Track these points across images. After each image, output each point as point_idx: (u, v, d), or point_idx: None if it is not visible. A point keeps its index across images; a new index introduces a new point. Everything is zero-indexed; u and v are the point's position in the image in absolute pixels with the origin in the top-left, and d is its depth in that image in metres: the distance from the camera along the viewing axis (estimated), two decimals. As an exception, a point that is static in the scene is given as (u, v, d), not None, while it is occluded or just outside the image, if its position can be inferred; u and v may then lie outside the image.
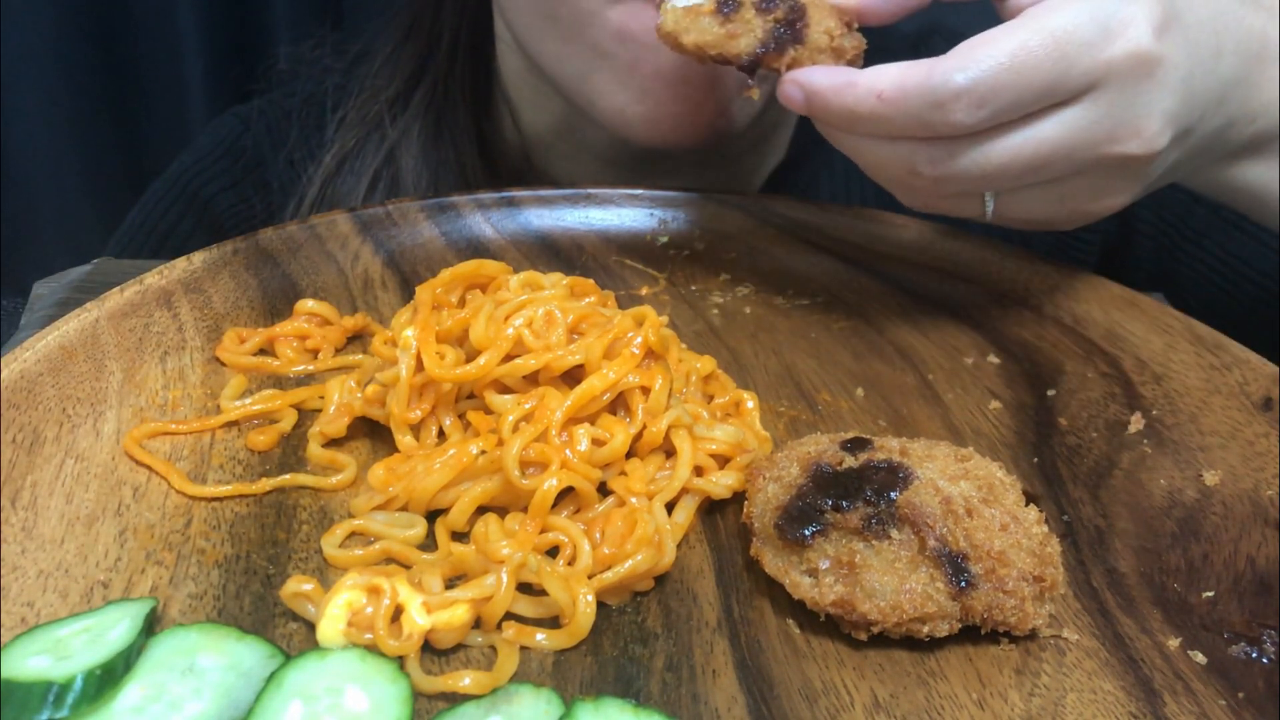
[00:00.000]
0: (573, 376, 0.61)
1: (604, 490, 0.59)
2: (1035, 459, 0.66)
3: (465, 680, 0.49)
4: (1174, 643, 0.53)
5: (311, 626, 0.51)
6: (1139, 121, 0.61)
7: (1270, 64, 0.68)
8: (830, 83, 0.62)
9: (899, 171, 0.65)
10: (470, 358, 0.62)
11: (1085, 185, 0.65)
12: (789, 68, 0.66)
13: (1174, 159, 0.66)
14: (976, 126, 0.59)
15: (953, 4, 0.72)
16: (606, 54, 0.82)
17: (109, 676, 0.46)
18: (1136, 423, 0.67)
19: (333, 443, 0.64)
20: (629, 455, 0.60)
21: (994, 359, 0.74)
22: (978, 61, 0.58)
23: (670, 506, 0.59)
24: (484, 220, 0.85)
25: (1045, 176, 0.63)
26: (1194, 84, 0.62)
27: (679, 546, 0.57)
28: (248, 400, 0.66)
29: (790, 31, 0.65)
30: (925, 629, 0.51)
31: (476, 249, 0.83)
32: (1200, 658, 0.52)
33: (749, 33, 0.66)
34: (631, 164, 0.99)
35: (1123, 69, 0.59)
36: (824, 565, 0.52)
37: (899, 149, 0.63)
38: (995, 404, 0.70)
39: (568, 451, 0.58)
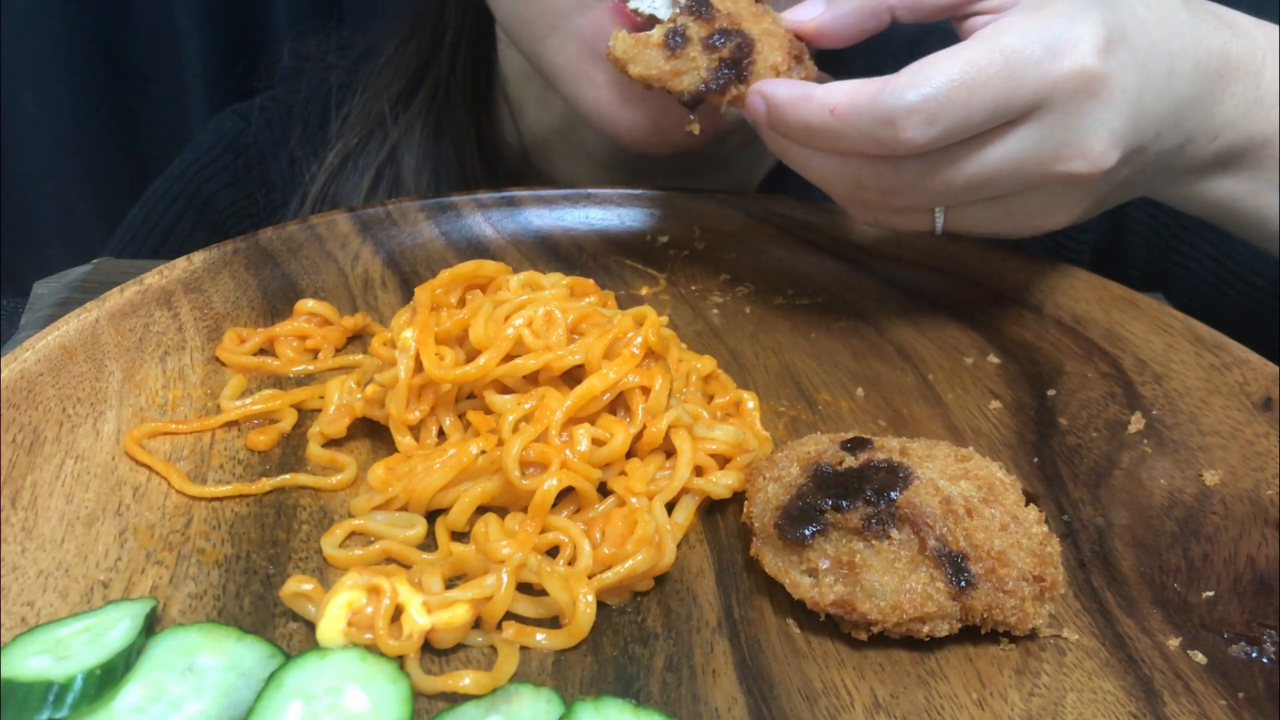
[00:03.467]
0: (573, 376, 0.61)
1: (604, 490, 0.59)
2: (1035, 459, 0.66)
3: (465, 680, 0.49)
4: (1174, 643, 0.53)
5: (311, 626, 0.51)
6: (1085, 141, 0.61)
7: (1231, 81, 0.68)
8: (788, 96, 0.63)
9: (847, 187, 0.66)
10: (470, 358, 0.62)
11: (1033, 202, 0.66)
12: (732, 104, 0.68)
13: (1125, 176, 0.67)
14: (927, 145, 0.60)
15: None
16: (572, 59, 0.82)
17: (109, 676, 0.46)
18: (1136, 423, 0.67)
19: (333, 443, 0.64)
20: (629, 455, 0.60)
21: (994, 359, 0.74)
22: (929, 79, 0.59)
23: (670, 506, 0.59)
24: (484, 220, 0.85)
25: (992, 193, 0.64)
26: (1144, 104, 0.63)
27: (679, 546, 0.57)
28: (248, 400, 0.66)
29: (734, 70, 0.67)
30: (925, 629, 0.51)
31: (476, 249, 0.83)
32: (1200, 658, 0.52)
33: (693, 70, 0.68)
34: (628, 166, 0.99)
35: (1067, 88, 0.60)
36: (824, 565, 0.52)
37: (848, 165, 0.64)
38: (995, 404, 0.70)
39: (568, 451, 0.58)
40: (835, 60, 0.73)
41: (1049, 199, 0.66)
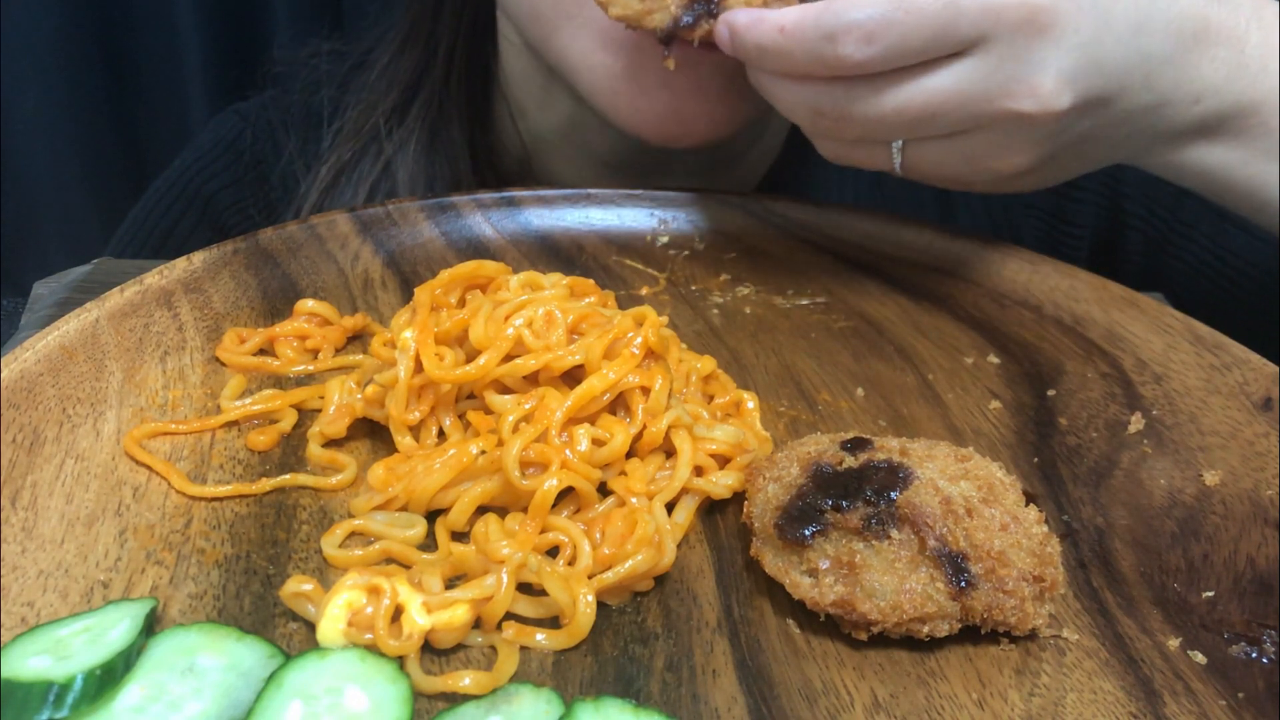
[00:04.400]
0: (573, 376, 0.61)
1: (604, 490, 0.59)
2: (1035, 459, 0.66)
3: (465, 680, 0.49)
4: (1174, 643, 0.53)
5: (311, 626, 0.51)
6: (1032, 77, 0.63)
7: (1211, 46, 0.68)
8: (745, 20, 0.66)
9: (808, 114, 0.68)
10: (470, 358, 0.62)
11: (986, 142, 0.67)
12: (704, 40, 0.70)
13: (1089, 129, 0.68)
14: (867, 64, 0.62)
15: None
16: (594, 49, 0.82)
17: (109, 676, 0.46)
18: (1136, 423, 0.67)
19: (333, 443, 0.64)
20: (629, 455, 0.60)
21: (994, 359, 0.74)
22: (867, 2, 0.61)
23: (670, 506, 0.59)
24: (484, 220, 0.85)
25: (943, 128, 0.66)
26: (1104, 50, 0.64)
27: (679, 546, 0.57)
28: (248, 400, 0.66)
29: (705, 6, 0.69)
30: (925, 629, 0.51)
31: (476, 249, 0.83)
32: (1200, 658, 0.52)
33: (663, 8, 0.70)
34: (632, 168, 0.99)
35: (1012, 20, 0.61)
36: (824, 565, 0.52)
37: (804, 91, 0.67)
38: (995, 404, 0.70)
39: (568, 452, 0.58)
40: None
41: (1001, 139, 0.66)
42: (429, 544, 0.58)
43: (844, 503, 0.53)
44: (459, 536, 0.58)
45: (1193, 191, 0.77)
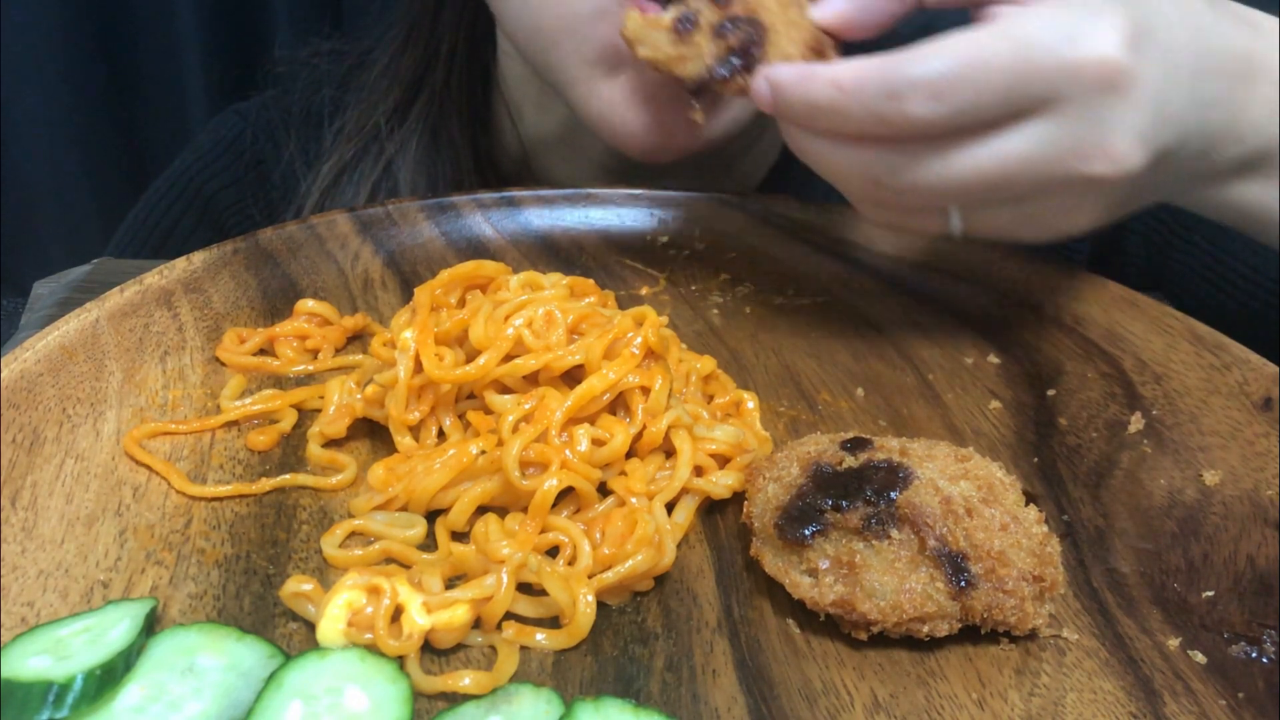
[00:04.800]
0: (573, 376, 0.61)
1: (604, 490, 0.59)
2: (1035, 459, 0.66)
3: (465, 680, 0.49)
4: (1174, 643, 0.53)
5: (311, 626, 0.51)
6: (1107, 140, 0.59)
7: (1256, 83, 0.66)
8: (792, 75, 0.61)
9: (861, 181, 0.63)
10: (470, 358, 0.62)
11: (1053, 205, 0.63)
12: (738, 94, 0.65)
13: (1152, 182, 0.65)
14: (934, 123, 0.58)
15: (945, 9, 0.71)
16: (587, 61, 0.82)
17: (109, 676, 0.46)
18: (1136, 423, 0.67)
19: (333, 443, 0.64)
20: (629, 455, 0.60)
21: (994, 359, 0.74)
22: (937, 55, 0.57)
23: (670, 506, 0.59)
24: (484, 220, 0.85)
25: (1011, 194, 0.62)
26: (1170, 105, 0.61)
27: (679, 546, 0.57)
28: (248, 400, 0.66)
29: (742, 59, 0.64)
30: (925, 629, 0.51)
31: (476, 249, 0.83)
32: (1200, 658, 0.52)
33: (697, 58, 0.65)
34: (629, 171, 0.99)
35: (1088, 80, 0.57)
36: (824, 565, 0.52)
37: (862, 155, 0.62)
38: (995, 404, 0.70)
39: (568, 452, 0.58)
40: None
41: (1069, 201, 0.63)
42: (429, 544, 0.58)
43: (844, 503, 0.53)
44: (459, 536, 0.58)
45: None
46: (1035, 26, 0.57)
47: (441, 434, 0.62)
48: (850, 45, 0.67)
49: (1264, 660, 0.52)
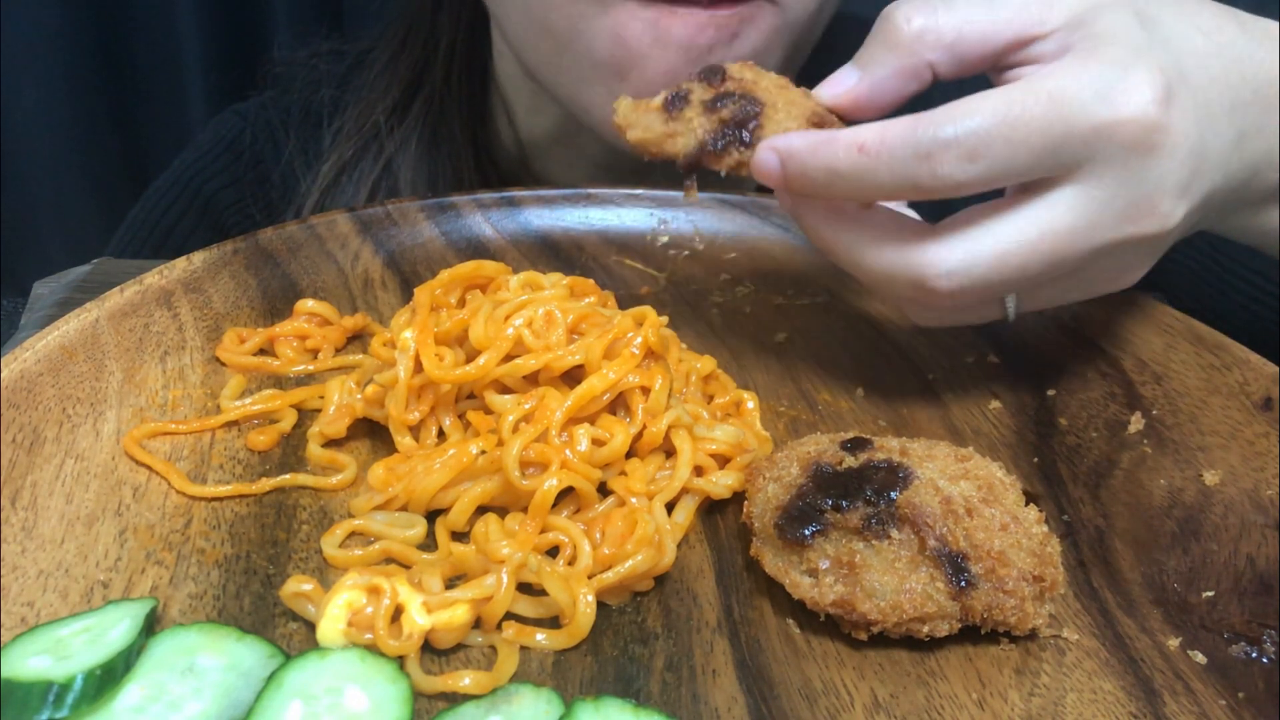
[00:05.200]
0: (573, 376, 0.61)
1: (604, 490, 0.59)
2: (1035, 459, 0.66)
3: (465, 680, 0.49)
4: (1174, 643, 0.53)
5: (311, 626, 0.51)
6: (1152, 198, 0.57)
7: None
8: (805, 142, 0.58)
9: (903, 283, 0.60)
10: (470, 358, 0.62)
11: (1103, 269, 0.62)
12: (734, 171, 0.62)
13: (1194, 222, 0.63)
14: (967, 185, 0.55)
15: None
16: (598, 63, 0.82)
17: (109, 676, 0.46)
18: (1136, 423, 0.67)
19: (333, 443, 0.64)
20: (629, 455, 0.60)
21: (994, 359, 0.74)
22: (967, 114, 0.55)
23: (670, 506, 0.59)
24: (484, 220, 0.85)
25: (1065, 268, 0.59)
26: (1207, 149, 0.59)
27: (679, 546, 0.57)
28: (248, 400, 0.66)
29: (735, 133, 0.61)
30: (925, 629, 0.51)
31: (476, 249, 0.83)
32: (1200, 658, 0.52)
33: (688, 133, 0.62)
34: (627, 169, 0.99)
35: (1125, 140, 0.55)
36: (824, 565, 0.52)
37: (901, 251, 0.59)
38: (995, 404, 0.70)
39: (568, 451, 0.58)
40: None
41: (1120, 261, 0.61)
42: (429, 544, 0.58)
43: (844, 503, 0.53)
44: (459, 536, 0.58)
45: None
46: (1069, 83, 0.55)
47: (441, 434, 0.62)
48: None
49: (1264, 660, 0.52)
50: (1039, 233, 0.57)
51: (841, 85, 0.62)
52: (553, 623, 0.53)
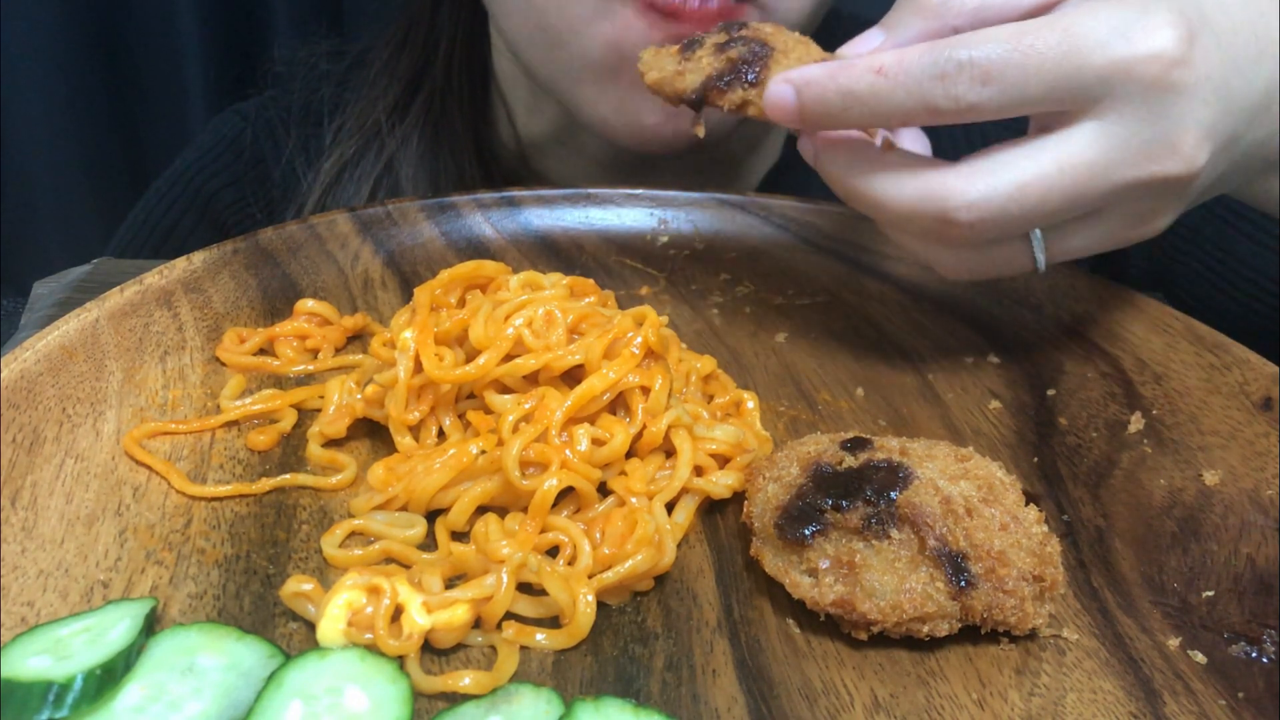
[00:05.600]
0: (573, 376, 0.61)
1: (604, 490, 0.59)
2: (1035, 459, 0.66)
3: (465, 680, 0.49)
4: (1174, 643, 0.53)
5: (311, 626, 0.51)
6: (1174, 136, 0.57)
7: None
8: (821, 70, 0.59)
9: (926, 220, 0.60)
10: (470, 358, 0.62)
11: (1128, 212, 0.62)
12: (737, 108, 0.63)
13: (1220, 172, 0.63)
14: (981, 108, 0.56)
15: None
16: (593, 65, 0.82)
17: (109, 676, 0.46)
18: (1136, 423, 0.67)
19: (333, 443, 0.64)
20: (629, 455, 0.60)
21: (994, 359, 0.74)
22: (984, 39, 0.56)
23: (670, 506, 0.59)
24: (484, 220, 0.85)
25: (1086, 205, 0.60)
26: (1232, 93, 0.59)
27: (679, 546, 0.57)
28: (248, 400, 0.66)
29: (741, 71, 0.63)
30: (925, 629, 0.51)
31: (476, 249, 0.83)
32: (1200, 658, 0.52)
33: (697, 70, 0.64)
34: (627, 168, 0.99)
35: (1145, 78, 0.56)
36: (824, 565, 0.52)
37: (923, 186, 0.60)
38: (995, 404, 0.70)
39: (568, 451, 0.58)
40: None
41: (1145, 206, 0.61)
42: (429, 544, 0.58)
43: (844, 502, 0.53)
44: (459, 536, 0.58)
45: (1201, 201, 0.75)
46: (1087, 19, 0.56)
47: (441, 434, 0.62)
48: None
49: (1264, 660, 0.52)
50: (1058, 166, 0.58)
51: (866, 46, 0.63)
52: (553, 623, 0.53)
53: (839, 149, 0.63)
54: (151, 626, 0.50)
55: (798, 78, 0.60)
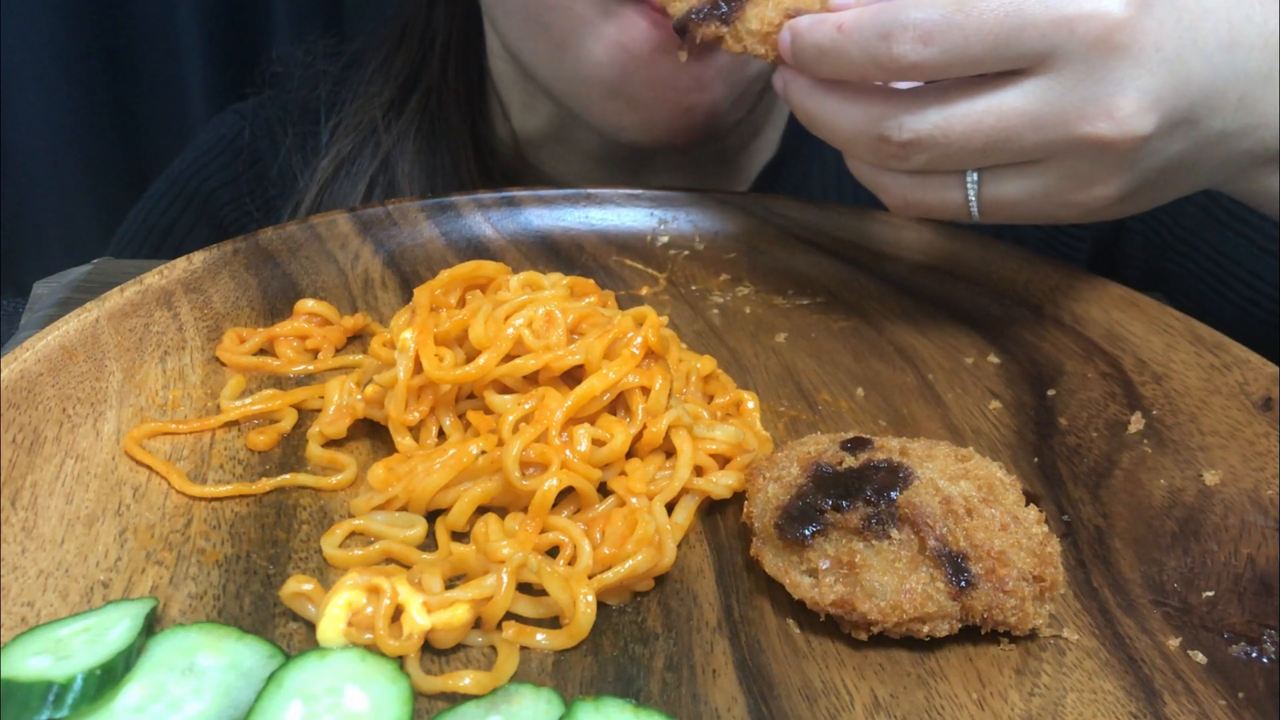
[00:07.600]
0: (573, 376, 0.61)
1: (604, 490, 0.59)
2: (1035, 459, 0.66)
3: (465, 680, 0.49)
4: (1174, 643, 0.53)
5: (311, 626, 0.51)
6: (1110, 99, 0.58)
7: None
8: (807, 21, 0.65)
9: (868, 141, 0.65)
10: (470, 358, 0.62)
11: (1066, 172, 0.63)
12: (709, 40, 0.71)
13: (1177, 152, 0.63)
14: (922, 66, 0.60)
15: None
16: (598, 64, 0.82)
17: (109, 676, 0.46)
18: (1136, 423, 0.67)
19: (333, 443, 0.64)
20: (629, 455, 0.60)
21: (994, 359, 0.74)
22: (929, 3, 0.59)
23: (670, 506, 0.59)
24: (484, 220, 0.85)
25: (1017, 153, 0.62)
26: (1190, 71, 0.60)
27: (679, 546, 0.57)
28: (248, 400, 0.66)
29: (717, 9, 0.69)
30: (925, 629, 0.51)
31: (476, 249, 0.83)
32: (1200, 658, 0.52)
33: (686, 3, 0.71)
34: (623, 162, 0.99)
35: (1087, 36, 0.57)
36: (824, 565, 0.52)
37: (868, 110, 0.64)
38: (995, 404, 0.70)
39: (568, 452, 0.58)
40: None
41: (1082, 168, 0.62)
42: (429, 544, 0.58)
43: (844, 503, 0.53)
44: (459, 536, 0.58)
45: (1195, 197, 0.75)
46: None
47: (441, 434, 0.62)
48: None
49: (1264, 660, 0.52)
50: (986, 107, 0.61)
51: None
52: (553, 623, 0.53)
53: (801, 79, 0.68)
54: (151, 626, 0.50)
55: (795, 24, 0.66)
